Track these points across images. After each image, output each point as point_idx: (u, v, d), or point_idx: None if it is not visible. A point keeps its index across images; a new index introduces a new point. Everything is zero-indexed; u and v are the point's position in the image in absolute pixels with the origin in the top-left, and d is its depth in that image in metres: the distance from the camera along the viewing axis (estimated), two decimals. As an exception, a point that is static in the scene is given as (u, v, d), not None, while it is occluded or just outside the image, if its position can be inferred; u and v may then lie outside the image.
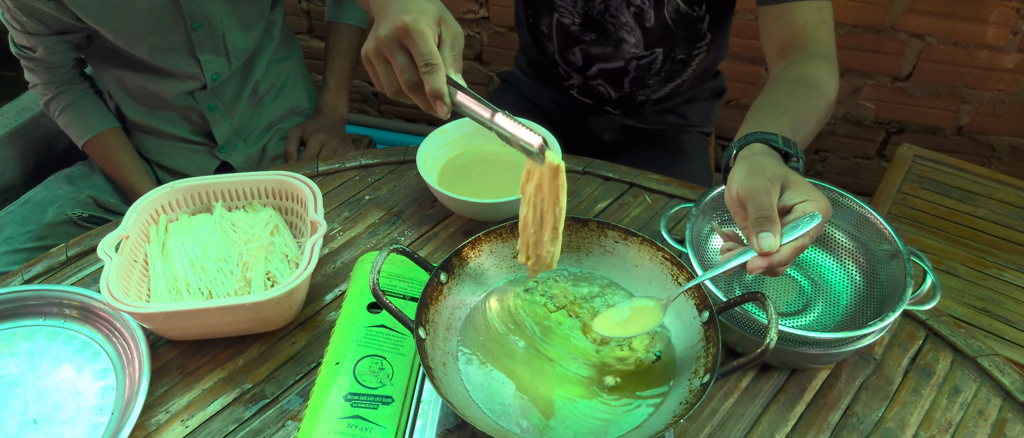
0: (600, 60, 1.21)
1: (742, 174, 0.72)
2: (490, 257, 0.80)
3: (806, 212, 0.68)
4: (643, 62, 1.18)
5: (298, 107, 1.43)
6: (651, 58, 1.18)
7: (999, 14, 1.61)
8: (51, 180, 1.32)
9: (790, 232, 0.67)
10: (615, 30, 1.15)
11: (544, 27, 1.21)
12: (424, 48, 0.68)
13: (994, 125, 1.79)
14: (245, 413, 0.79)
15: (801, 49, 0.94)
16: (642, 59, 1.18)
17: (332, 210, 1.04)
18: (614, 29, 1.15)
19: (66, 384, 0.82)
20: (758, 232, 0.67)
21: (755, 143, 0.79)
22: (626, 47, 1.17)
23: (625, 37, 1.15)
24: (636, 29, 1.14)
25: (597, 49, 1.19)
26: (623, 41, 1.16)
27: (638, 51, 1.17)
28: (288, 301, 0.82)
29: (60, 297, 0.88)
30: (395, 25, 0.69)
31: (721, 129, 2.04)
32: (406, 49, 0.69)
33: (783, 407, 0.79)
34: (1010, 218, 1.43)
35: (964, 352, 0.84)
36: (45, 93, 1.27)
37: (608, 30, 1.16)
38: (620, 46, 1.17)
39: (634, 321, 0.73)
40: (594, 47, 1.19)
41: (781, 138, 0.78)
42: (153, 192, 0.91)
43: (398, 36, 0.69)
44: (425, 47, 0.68)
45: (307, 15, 2.19)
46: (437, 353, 0.71)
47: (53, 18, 1.13)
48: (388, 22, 0.69)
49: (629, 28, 1.14)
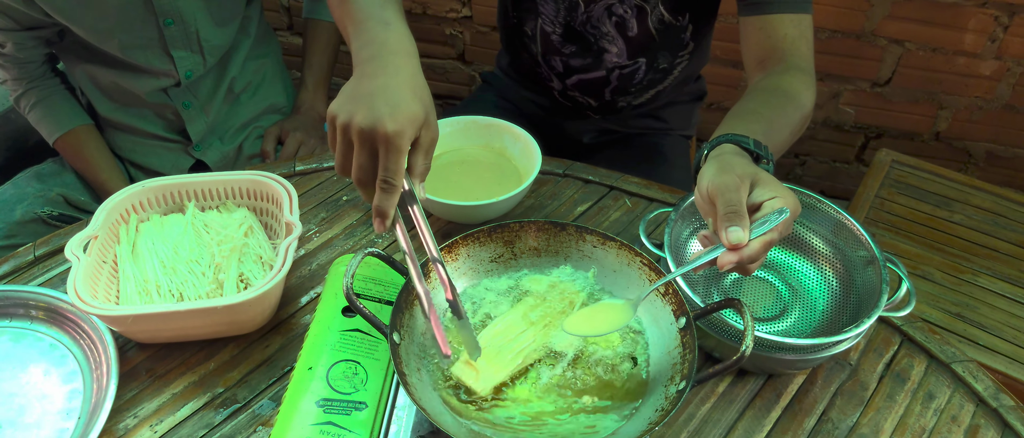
0: (579, 71, 1.20)
1: (712, 172, 0.72)
2: (467, 261, 0.79)
3: (774, 208, 0.68)
4: (625, 71, 1.18)
5: (276, 105, 1.41)
6: (634, 67, 1.17)
7: (977, 21, 1.62)
8: (20, 177, 1.29)
9: (759, 228, 0.67)
10: (596, 41, 1.14)
11: (528, 29, 1.20)
12: (392, 166, 0.67)
13: (971, 131, 1.81)
14: (216, 418, 0.78)
15: (780, 61, 0.95)
16: (624, 69, 1.17)
17: (309, 210, 1.02)
18: (595, 40, 1.14)
19: (32, 387, 0.80)
20: (727, 227, 0.67)
21: (726, 143, 0.79)
22: (608, 57, 1.16)
23: (607, 47, 1.15)
24: (618, 39, 1.13)
25: (577, 61, 1.18)
26: (605, 51, 1.15)
27: (620, 61, 1.16)
28: (261, 304, 0.81)
29: (26, 298, 0.86)
30: (376, 129, 0.66)
31: (703, 133, 2.04)
32: (375, 152, 0.67)
33: (759, 412, 0.79)
34: (985, 224, 1.45)
35: (938, 358, 0.85)
36: (15, 89, 1.24)
37: (589, 41, 1.15)
38: (601, 56, 1.16)
39: (604, 319, 0.73)
40: (574, 59, 1.19)
41: (752, 140, 0.78)
42: (123, 191, 0.90)
43: (374, 138, 0.66)
44: (394, 166, 0.67)
45: (287, 11, 2.17)
46: (412, 359, 0.70)
47: (22, 13, 1.11)
48: (371, 115, 0.66)
49: (611, 38, 1.13)
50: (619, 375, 0.73)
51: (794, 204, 0.69)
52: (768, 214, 0.68)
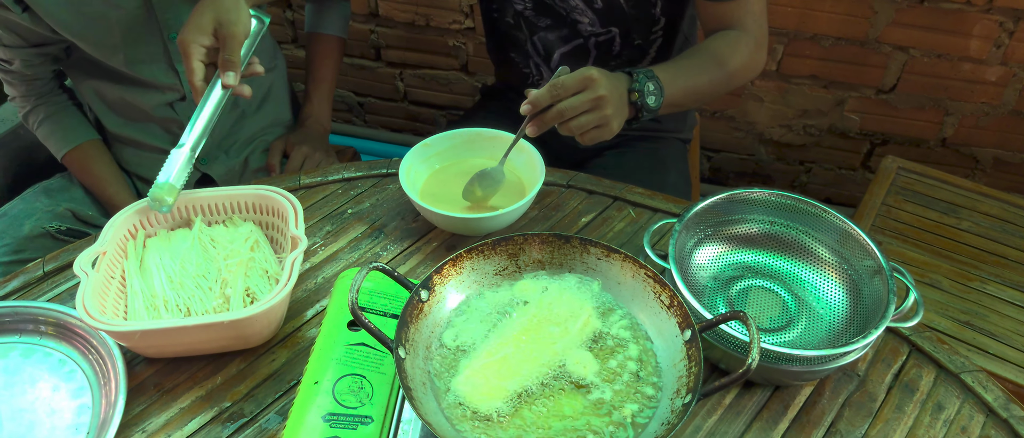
0: (559, 45, 1.24)
1: None
2: (472, 274, 0.79)
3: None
4: (601, 40, 1.22)
5: (281, 119, 1.42)
6: (608, 37, 1.21)
7: (982, 27, 1.62)
8: (29, 192, 1.30)
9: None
10: (567, 14, 1.20)
11: (509, 17, 1.25)
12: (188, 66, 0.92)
13: (978, 137, 1.80)
14: (223, 432, 0.78)
15: (726, 29, 1.12)
16: (600, 37, 1.22)
17: (314, 224, 1.03)
18: (566, 13, 1.19)
19: (41, 403, 0.80)
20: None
21: None
22: (581, 27, 1.21)
23: (578, 18, 1.19)
24: (587, 10, 1.18)
25: (553, 34, 1.23)
26: (577, 21, 1.20)
27: (595, 29, 1.20)
28: (267, 318, 0.81)
29: (35, 314, 0.86)
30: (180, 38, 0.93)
31: (704, 140, 2.05)
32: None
33: (766, 424, 0.79)
34: (993, 231, 1.44)
35: (947, 368, 0.84)
36: (24, 105, 1.25)
37: (560, 13, 1.20)
38: (576, 27, 1.21)
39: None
40: (550, 33, 1.23)
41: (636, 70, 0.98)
42: (131, 207, 0.90)
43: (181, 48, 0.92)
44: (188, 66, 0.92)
45: (292, 25, 2.18)
46: (417, 373, 0.70)
47: (29, 31, 1.12)
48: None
49: (580, 10, 1.18)
50: (624, 384, 0.72)
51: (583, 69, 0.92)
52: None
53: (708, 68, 1.07)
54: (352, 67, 2.18)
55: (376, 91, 2.25)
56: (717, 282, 0.91)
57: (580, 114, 0.92)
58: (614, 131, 0.95)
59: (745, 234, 0.93)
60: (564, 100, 0.91)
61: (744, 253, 0.93)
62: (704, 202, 0.89)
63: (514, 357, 0.73)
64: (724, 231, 0.93)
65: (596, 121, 0.92)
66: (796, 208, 0.90)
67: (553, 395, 0.71)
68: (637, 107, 0.98)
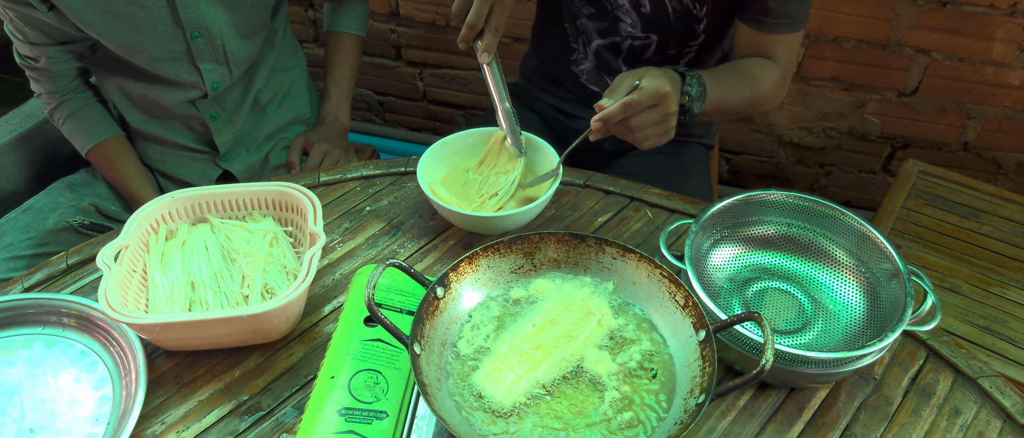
0: (595, 37, 1.25)
1: None
2: (488, 272, 0.80)
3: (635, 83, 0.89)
4: (636, 44, 1.22)
5: (301, 116, 1.43)
6: (645, 42, 1.22)
7: (1005, 30, 1.60)
8: (53, 187, 1.32)
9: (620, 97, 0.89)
10: (612, 10, 1.20)
11: None
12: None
13: (1000, 141, 1.78)
14: (241, 425, 0.79)
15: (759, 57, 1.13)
16: (636, 41, 1.22)
17: (332, 221, 1.04)
18: (611, 9, 1.20)
19: (63, 393, 0.82)
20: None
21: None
22: (622, 26, 1.21)
23: (622, 17, 1.19)
24: (632, 12, 1.18)
25: (593, 24, 1.23)
26: (620, 20, 1.20)
27: (635, 32, 1.21)
28: (285, 313, 0.82)
29: (59, 306, 0.88)
30: None
31: (725, 142, 2.04)
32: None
33: (781, 426, 0.79)
34: (1015, 236, 1.42)
35: (965, 373, 0.83)
36: (49, 102, 1.28)
37: (606, 8, 1.20)
38: (617, 25, 1.21)
39: None
40: (593, 22, 1.23)
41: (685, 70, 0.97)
42: (153, 202, 0.92)
43: None
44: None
45: (313, 24, 2.20)
46: (432, 369, 0.71)
47: (54, 29, 1.14)
48: None
49: (625, 10, 1.18)
50: (638, 385, 0.73)
51: (655, 81, 0.89)
52: (630, 87, 0.89)
53: (741, 87, 1.08)
54: (372, 66, 2.20)
55: (396, 90, 2.26)
56: (733, 283, 0.90)
57: (648, 126, 0.92)
58: (671, 137, 0.96)
59: (762, 236, 0.93)
60: (636, 116, 0.91)
61: (761, 255, 0.93)
62: (721, 203, 0.89)
63: (529, 355, 0.74)
64: (741, 233, 0.93)
65: (661, 132, 0.93)
66: (813, 210, 0.90)
67: (567, 393, 0.72)
68: (683, 110, 0.97)
